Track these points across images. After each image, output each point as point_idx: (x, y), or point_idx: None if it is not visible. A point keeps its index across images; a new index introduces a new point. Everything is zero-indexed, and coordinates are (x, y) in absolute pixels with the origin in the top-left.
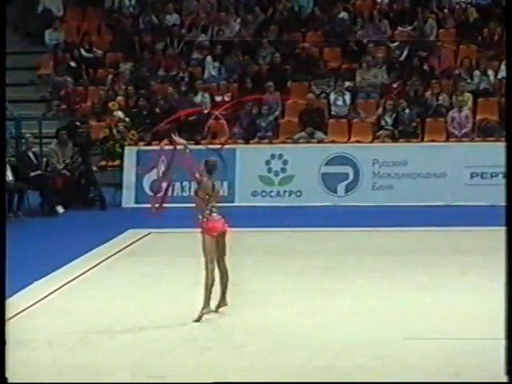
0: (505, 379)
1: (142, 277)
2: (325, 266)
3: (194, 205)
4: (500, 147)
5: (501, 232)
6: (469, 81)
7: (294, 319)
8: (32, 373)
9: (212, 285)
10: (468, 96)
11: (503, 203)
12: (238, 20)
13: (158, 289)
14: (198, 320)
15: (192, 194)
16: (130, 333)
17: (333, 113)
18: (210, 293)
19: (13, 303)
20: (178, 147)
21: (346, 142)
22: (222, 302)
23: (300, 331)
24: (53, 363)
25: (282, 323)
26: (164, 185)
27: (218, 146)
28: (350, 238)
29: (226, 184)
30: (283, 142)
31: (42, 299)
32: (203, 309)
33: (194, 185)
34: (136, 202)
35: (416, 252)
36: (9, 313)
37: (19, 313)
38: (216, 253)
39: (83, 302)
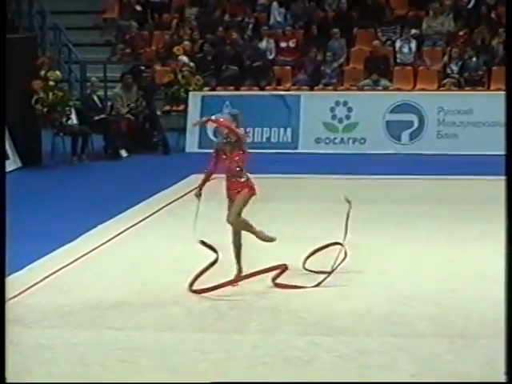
0: (504, 379)
1: (204, 222)
2: (388, 214)
3: (253, 151)
4: None
5: None
6: None
7: (358, 265)
8: (97, 314)
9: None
10: None
11: None
12: None
13: (221, 234)
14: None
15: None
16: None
17: (398, 60)
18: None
19: (77, 246)
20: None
21: (411, 90)
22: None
23: (364, 278)
24: (115, 306)
25: (345, 269)
26: None
27: (282, 93)
28: (414, 186)
29: (289, 130)
30: (348, 89)
31: (105, 243)
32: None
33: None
34: (199, 147)
35: (480, 201)
36: (74, 255)
37: (82, 256)
38: None
39: (145, 246)
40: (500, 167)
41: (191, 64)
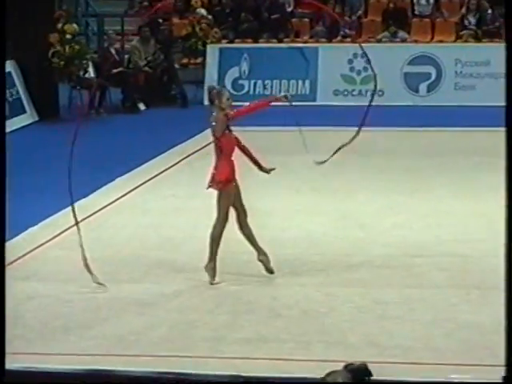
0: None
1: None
2: (405, 166)
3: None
4: None
5: None
6: None
7: (373, 217)
8: (114, 268)
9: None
10: None
11: None
12: None
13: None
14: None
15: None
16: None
17: (416, 12)
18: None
19: (96, 198)
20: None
21: (428, 42)
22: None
23: (380, 230)
24: (133, 260)
25: (361, 221)
26: None
27: (300, 45)
28: (432, 138)
29: (307, 83)
30: (366, 41)
31: (123, 196)
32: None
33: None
34: None
35: (499, 153)
36: (91, 209)
37: (100, 210)
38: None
39: (163, 199)
40: None
41: (209, 16)
